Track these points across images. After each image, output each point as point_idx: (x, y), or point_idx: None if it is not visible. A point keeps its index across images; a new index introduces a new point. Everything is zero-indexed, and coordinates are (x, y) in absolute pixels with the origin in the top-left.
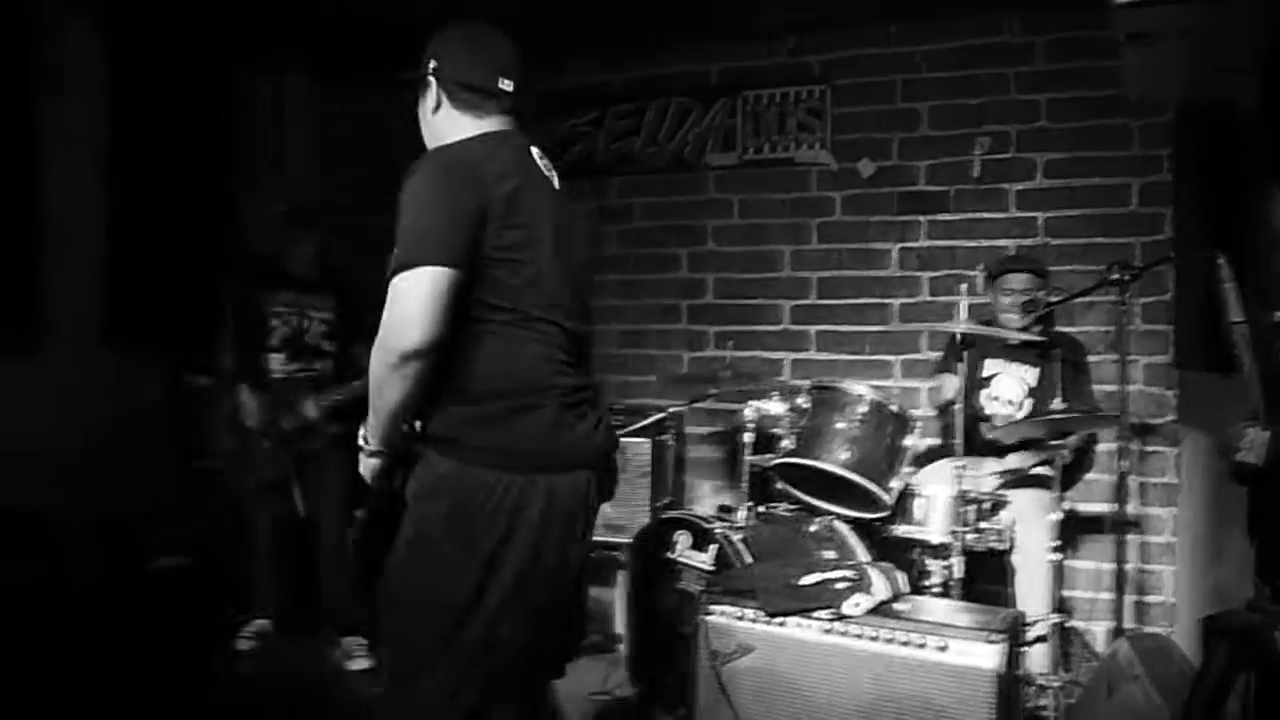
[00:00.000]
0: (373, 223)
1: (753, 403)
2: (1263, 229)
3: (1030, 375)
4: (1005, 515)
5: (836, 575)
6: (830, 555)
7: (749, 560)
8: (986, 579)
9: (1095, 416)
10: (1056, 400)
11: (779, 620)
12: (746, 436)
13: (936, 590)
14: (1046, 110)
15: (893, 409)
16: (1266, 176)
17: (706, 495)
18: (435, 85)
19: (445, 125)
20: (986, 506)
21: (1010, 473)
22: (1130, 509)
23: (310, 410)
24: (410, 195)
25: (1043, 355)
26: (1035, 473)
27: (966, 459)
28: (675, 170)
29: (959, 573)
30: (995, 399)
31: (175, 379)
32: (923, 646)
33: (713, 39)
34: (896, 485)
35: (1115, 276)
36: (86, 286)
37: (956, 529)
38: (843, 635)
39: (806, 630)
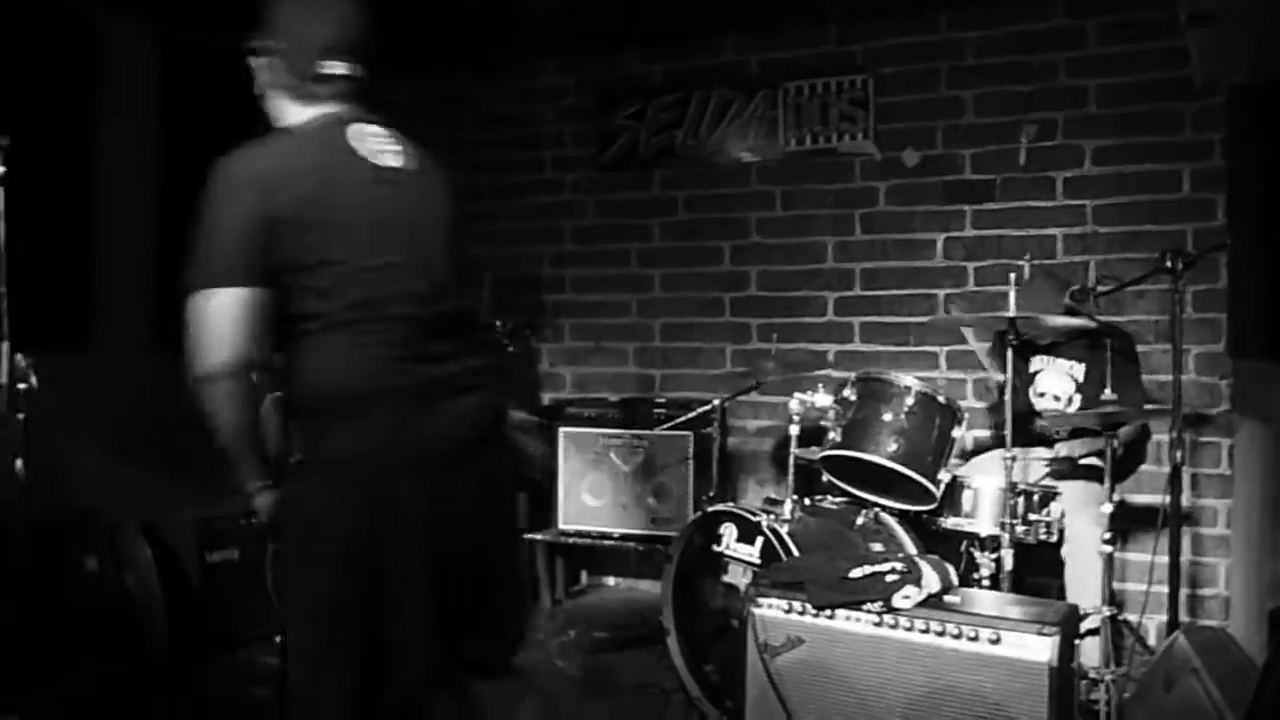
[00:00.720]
0: None
1: (798, 395)
2: None
3: (1078, 370)
4: (1055, 507)
5: (886, 568)
6: (878, 548)
7: (796, 553)
8: (1036, 571)
9: (1147, 408)
10: (1106, 391)
11: (828, 613)
12: (792, 429)
13: (986, 583)
14: (1096, 96)
15: (941, 400)
16: None
17: (752, 488)
18: (259, 66)
19: (274, 109)
20: (1036, 498)
21: (1061, 461)
22: (1184, 501)
23: None
24: (203, 207)
25: (1091, 348)
26: (1086, 464)
27: (1015, 450)
28: (717, 162)
29: (1009, 565)
30: (1042, 395)
31: None
32: (975, 639)
33: (753, 30)
34: (945, 477)
35: (1169, 264)
36: (135, 293)
37: (1006, 521)
38: (893, 628)
39: (857, 623)
